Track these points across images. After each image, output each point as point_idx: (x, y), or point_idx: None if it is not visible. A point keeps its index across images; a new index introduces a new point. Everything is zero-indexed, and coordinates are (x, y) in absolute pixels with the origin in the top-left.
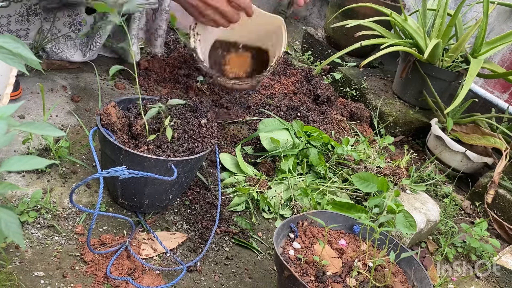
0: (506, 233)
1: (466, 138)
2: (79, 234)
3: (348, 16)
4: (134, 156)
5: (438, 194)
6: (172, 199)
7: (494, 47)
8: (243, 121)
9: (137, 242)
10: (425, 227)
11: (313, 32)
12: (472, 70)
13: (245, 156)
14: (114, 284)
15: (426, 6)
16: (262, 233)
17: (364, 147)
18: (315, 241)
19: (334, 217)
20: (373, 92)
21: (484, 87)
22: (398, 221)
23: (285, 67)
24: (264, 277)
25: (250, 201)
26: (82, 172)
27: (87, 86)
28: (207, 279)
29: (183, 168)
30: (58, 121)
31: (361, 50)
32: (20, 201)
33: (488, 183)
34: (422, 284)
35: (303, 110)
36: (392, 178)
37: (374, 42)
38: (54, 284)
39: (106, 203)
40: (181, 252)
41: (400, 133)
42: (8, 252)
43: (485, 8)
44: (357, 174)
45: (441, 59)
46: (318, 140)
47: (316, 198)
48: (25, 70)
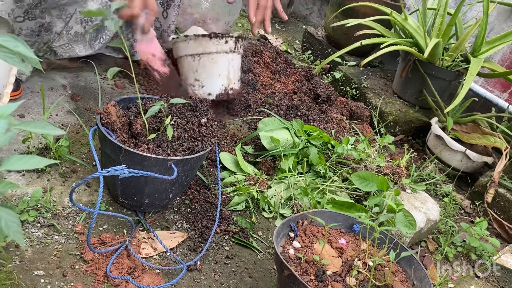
0: (506, 232)
1: (466, 138)
2: (79, 233)
3: (348, 15)
4: (134, 155)
5: (438, 193)
6: (172, 198)
7: (494, 46)
8: (243, 120)
9: (137, 241)
10: (425, 226)
11: (313, 31)
12: (472, 69)
13: (245, 155)
14: (114, 283)
15: (426, 5)
16: (262, 232)
17: (364, 146)
18: (315, 240)
19: (334, 216)
20: (373, 91)
21: (484, 86)
22: (398, 220)
23: (285, 66)
24: (264, 276)
25: (250, 200)
26: (82, 171)
27: (87, 85)
28: (207, 278)
29: (183, 167)
30: (58, 120)
31: (361, 49)
32: (20, 200)
33: (488, 183)
34: (422, 283)
35: (303, 109)
36: (392, 177)
37: (374, 41)
38: (54, 283)
39: (106, 202)
40: (181, 251)
41: (400, 132)
42: (8, 251)
43: (485, 8)
44: (357, 173)
45: (441, 58)
46: (318, 139)
47: (316, 197)
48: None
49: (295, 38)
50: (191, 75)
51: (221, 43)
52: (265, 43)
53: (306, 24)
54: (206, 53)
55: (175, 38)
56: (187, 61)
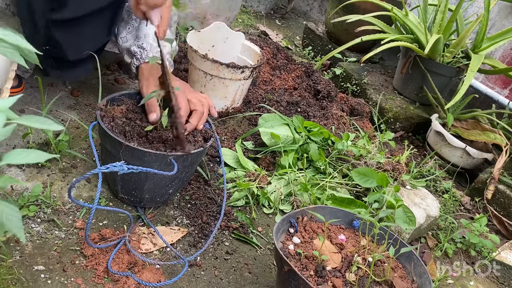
0: (505, 229)
1: (466, 134)
2: (79, 228)
3: (348, 11)
4: (134, 151)
5: (438, 189)
6: (172, 194)
7: (495, 43)
8: (243, 116)
9: (137, 236)
10: (424, 223)
11: (313, 27)
12: (473, 66)
13: (245, 151)
14: (114, 278)
15: (427, 1)
16: (262, 228)
17: (364, 143)
18: (314, 236)
19: (334, 212)
20: (373, 88)
21: (485, 82)
22: (397, 216)
23: (285, 62)
24: (264, 272)
25: (250, 196)
26: (82, 166)
27: (87, 81)
28: (207, 273)
29: (183, 162)
30: (58, 116)
31: (361, 45)
32: (20, 196)
33: (488, 179)
34: (422, 279)
35: (303, 105)
36: (392, 174)
37: (375, 37)
38: (55, 278)
39: (106, 198)
40: (181, 247)
41: (400, 128)
42: (9, 246)
43: (486, 4)
44: (357, 170)
45: (442, 55)
46: (318, 135)
47: (316, 193)
48: (25, 64)
49: (295, 34)
50: (198, 87)
51: (237, 73)
52: (265, 39)
53: (307, 20)
54: (220, 77)
55: (192, 48)
56: (198, 73)
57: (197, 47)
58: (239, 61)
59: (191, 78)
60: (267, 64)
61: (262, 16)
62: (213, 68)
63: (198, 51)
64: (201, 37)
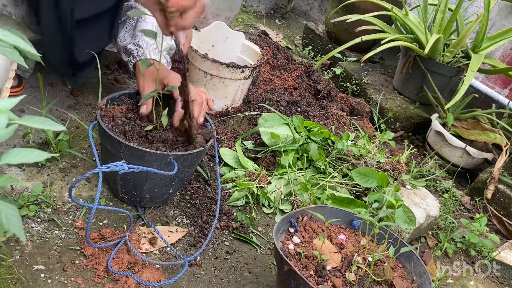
0: (505, 229)
1: (466, 134)
2: (79, 228)
3: (348, 11)
4: (134, 150)
5: (438, 189)
6: (172, 194)
7: (495, 43)
8: (243, 115)
9: (137, 236)
10: (424, 222)
11: (313, 27)
12: (473, 66)
13: (245, 151)
14: (114, 278)
15: (427, 1)
16: (262, 228)
17: (364, 142)
18: (314, 235)
19: (334, 212)
20: (373, 87)
21: (485, 82)
22: (397, 216)
23: (285, 62)
24: (263, 271)
25: (250, 196)
26: (82, 166)
27: (87, 81)
28: (207, 273)
29: (183, 162)
30: (58, 115)
31: (361, 45)
32: (20, 195)
33: (488, 179)
34: (422, 278)
35: (303, 105)
36: (392, 173)
37: (375, 37)
38: (55, 277)
39: (106, 198)
40: (181, 247)
41: (400, 128)
42: (9, 246)
43: (486, 3)
44: (357, 169)
45: (442, 54)
46: (318, 135)
47: (316, 193)
48: (25, 64)
49: (295, 34)
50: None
51: (237, 72)
52: (265, 38)
53: (307, 19)
54: (220, 77)
55: (192, 48)
56: (198, 73)
57: (197, 47)
58: (239, 61)
59: (191, 78)
60: (267, 63)
61: (262, 16)
62: (213, 67)
63: (198, 50)
64: (201, 37)
